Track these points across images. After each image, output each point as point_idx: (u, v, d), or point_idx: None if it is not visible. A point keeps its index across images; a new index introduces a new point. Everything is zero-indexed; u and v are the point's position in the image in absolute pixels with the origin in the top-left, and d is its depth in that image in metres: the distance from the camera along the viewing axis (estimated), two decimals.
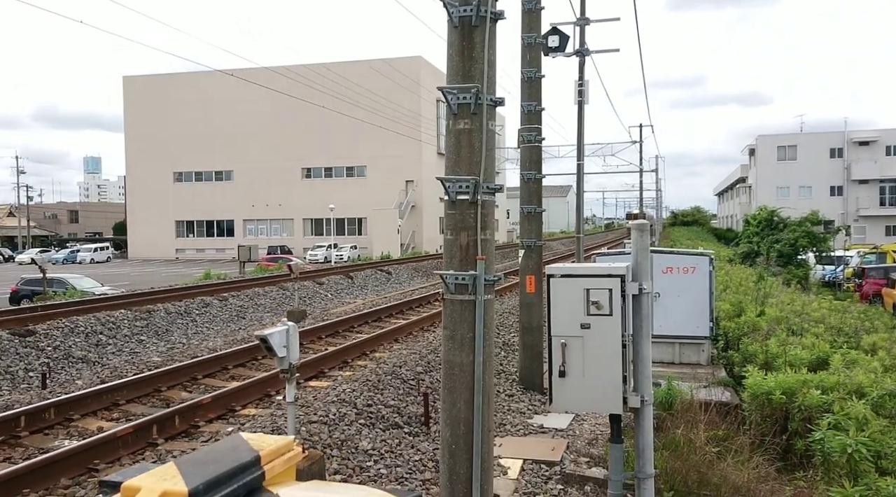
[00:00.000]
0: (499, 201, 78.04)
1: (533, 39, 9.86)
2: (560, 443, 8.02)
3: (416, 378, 9.72)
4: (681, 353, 12.05)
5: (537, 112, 10.01)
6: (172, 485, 1.64)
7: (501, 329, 14.18)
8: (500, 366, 11.25)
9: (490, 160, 4.19)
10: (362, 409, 8.13)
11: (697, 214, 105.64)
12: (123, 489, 1.66)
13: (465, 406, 4.22)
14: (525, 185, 10.15)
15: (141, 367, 11.19)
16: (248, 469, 1.81)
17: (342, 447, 7.02)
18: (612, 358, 5.45)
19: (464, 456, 4.23)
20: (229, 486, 1.72)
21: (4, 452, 6.87)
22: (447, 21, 4.15)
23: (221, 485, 1.70)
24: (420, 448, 7.38)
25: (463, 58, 4.09)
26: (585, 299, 5.44)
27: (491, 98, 4.12)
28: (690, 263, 12.05)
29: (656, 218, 74.18)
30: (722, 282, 19.59)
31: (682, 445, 7.19)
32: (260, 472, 1.84)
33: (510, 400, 9.66)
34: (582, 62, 17.24)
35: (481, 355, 4.22)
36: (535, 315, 9.83)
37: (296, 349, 5.57)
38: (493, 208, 4.34)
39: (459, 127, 4.13)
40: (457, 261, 4.23)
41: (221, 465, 1.78)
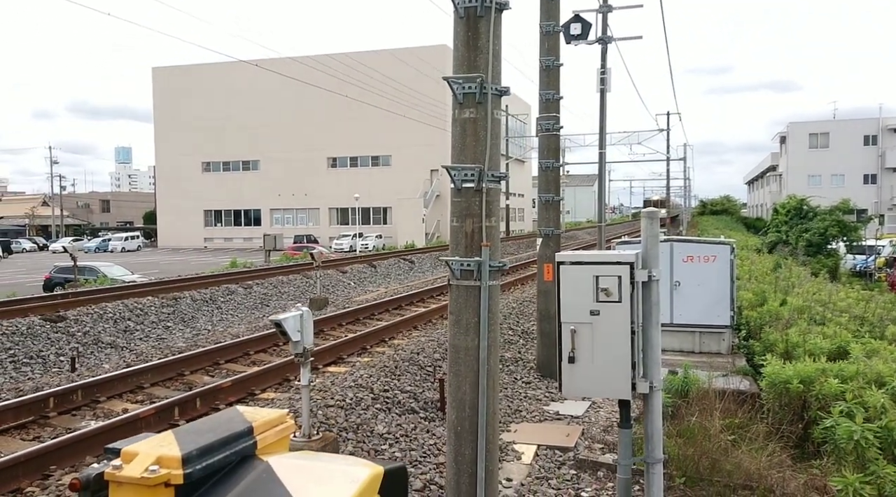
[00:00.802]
0: (524, 190, 77.77)
1: (551, 27, 9.85)
2: (575, 429, 8.09)
3: (433, 365, 9.85)
4: (701, 342, 12.00)
5: (555, 101, 10.01)
6: (168, 450, 1.76)
7: (521, 317, 14.25)
8: (519, 353, 11.33)
9: (495, 149, 4.26)
10: (379, 394, 8.28)
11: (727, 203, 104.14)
12: (123, 453, 1.78)
13: (470, 389, 4.32)
14: (543, 173, 10.19)
15: (166, 352, 11.48)
16: (240, 438, 1.93)
17: (357, 431, 7.17)
18: (622, 344, 5.50)
19: (469, 438, 4.33)
20: (221, 452, 1.84)
21: (34, 431, 7.15)
22: (453, 12, 4.22)
23: (214, 451, 1.82)
24: (435, 433, 7.51)
25: (468, 48, 4.16)
26: (595, 286, 5.50)
27: (496, 87, 4.19)
28: (711, 252, 11.98)
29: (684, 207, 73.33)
30: (747, 271, 19.39)
31: (696, 433, 7.21)
32: (252, 442, 1.96)
33: (527, 387, 9.74)
34: (604, 50, 17.12)
35: (486, 340, 4.31)
36: (552, 303, 9.87)
37: (310, 334, 5.71)
38: (498, 196, 4.41)
39: (465, 116, 4.21)
40: (462, 247, 4.32)
41: (215, 433, 1.90)
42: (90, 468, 1.86)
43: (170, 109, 65.05)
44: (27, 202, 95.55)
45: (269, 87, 57.45)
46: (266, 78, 51.47)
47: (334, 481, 1.83)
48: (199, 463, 1.78)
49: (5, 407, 7.28)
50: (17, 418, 7.19)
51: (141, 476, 1.72)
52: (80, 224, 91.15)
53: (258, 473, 1.86)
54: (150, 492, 1.74)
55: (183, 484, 1.75)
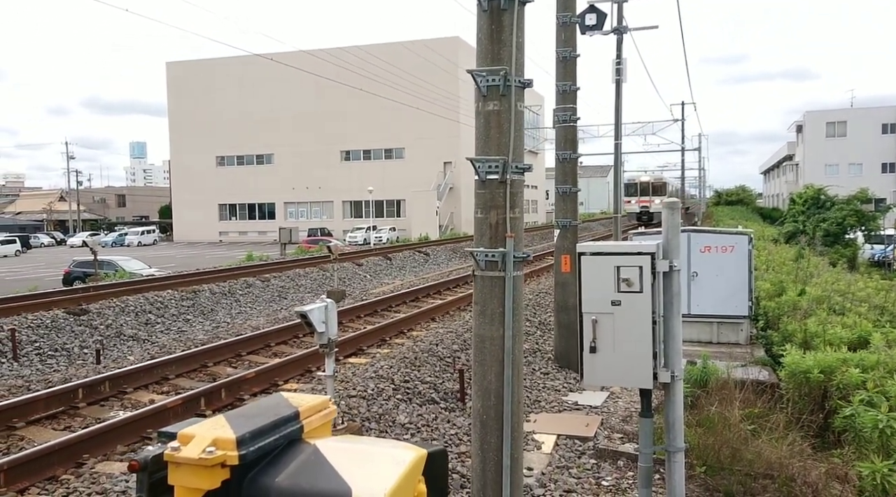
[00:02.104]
0: (538, 182, 77.57)
1: (568, 18, 9.85)
2: (594, 419, 8.15)
3: (452, 355, 9.93)
4: (719, 332, 12.01)
5: (572, 92, 10.02)
6: (222, 433, 1.85)
7: (538, 308, 14.29)
8: (536, 344, 11.39)
9: (519, 140, 4.31)
10: (399, 385, 8.37)
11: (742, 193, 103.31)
12: (180, 436, 1.87)
13: (495, 378, 4.39)
14: (560, 164, 10.21)
15: (188, 344, 11.64)
16: (288, 422, 2.01)
17: (380, 420, 7.27)
18: (643, 334, 5.55)
19: (494, 426, 4.40)
20: (272, 435, 1.92)
21: (65, 421, 7.31)
22: (477, 5, 4.26)
23: (265, 434, 1.90)
24: (455, 422, 7.59)
25: (492, 41, 4.21)
26: (616, 277, 5.54)
27: (519, 80, 4.23)
28: (729, 242, 11.96)
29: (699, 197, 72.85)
30: (764, 261, 19.30)
31: (716, 422, 7.25)
32: (299, 425, 2.04)
33: (545, 378, 9.80)
34: (620, 40, 17.06)
35: (511, 329, 4.37)
36: (570, 294, 9.93)
37: (334, 325, 5.81)
38: (522, 188, 4.46)
39: (489, 108, 4.26)
40: (487, 238, 4.38)
41: (265, 417, 1.98)
42: (147, 450, 1.94)
43: (184, 104, 65.44)
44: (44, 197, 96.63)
45: (283, 80, 57.64)
46: (279, 72, 51.62)
47: (380, 463, 1.91)
48: (252, 445, 1.87)
49: (37, 397, 7.44)
50: (48, 409, 7.36)
51: (199, 457, 1.81)
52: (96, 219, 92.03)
53: (307, 455, 1.94)
54: (208, 472, 1.82)
55: (238, 465, 1.84)
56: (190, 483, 1.85)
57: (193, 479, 1.85)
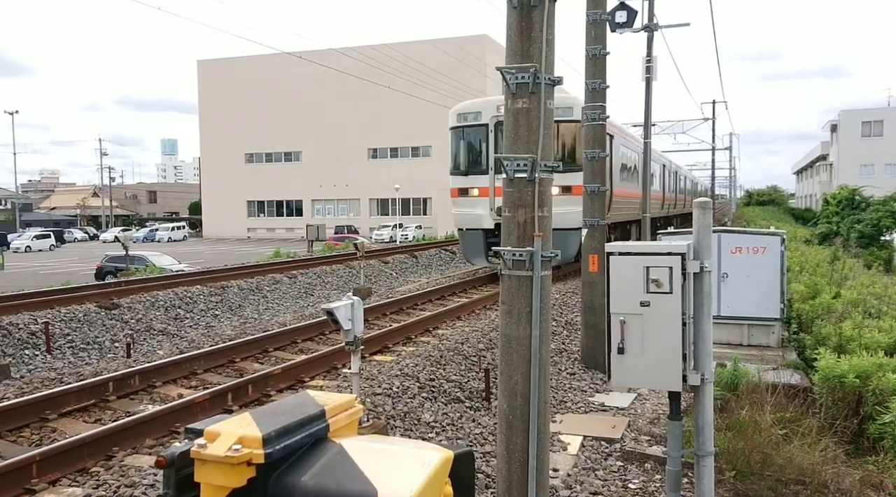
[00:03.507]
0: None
1: (598, 16, 9.74)
2: (621, 421, 8.06)
3: (477, 354, 9.90)
4: (749, 334, 11.82)
5: (602, 90, 9.92)
6: (248, 430, 1.84)
7: (564, 308, 14.19)
8: (562, 345, 11.31)
9: (548, 139, 4.26)
10: (425, 383, 8.36)
11: (774, 194, 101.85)
12: (206, 433, 1.87)
13: (521, 378, 4.35)
14: (589, 163, 10.10)
15: (216, 339, 11.76)
16: (314, 421, 1.99)
17: (405, 419, 7.27)
18: (672, 336, 5.47)
19: (520, 427, 4.36)
20: (298, 434, 1.91)
21: (95, 414, 7.42)
22: (507, 2, 4.22)
23: (291, 433, 1.89)
24: (481, 422, 7.56)
25: (521, 38, 4.16)
26: (645, 277, 5.47)
27: (549, 77, 4.18)
28: (760, 243, 11.76)
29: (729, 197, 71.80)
30: (797, 263, 18.95)
31: (747, 426, 7.12)
32: (325, 424, 2.02)
33: (572, 378, 9.72)
34: (650, 38, 16.87)
35: (538, 329, 4.32)
36: (597, 294, 9.82)
37: (360, 322, 5.81)
38: (550, 186, 4.41)
39: (518, 106, 4.21)
40: (514, 237, 4.34)
41: (291, 416, 1.97)
42: (174, 446, 1.94)
43: (214, 102, 66.23)
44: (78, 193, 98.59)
45: (311, 78, 58.00)
46: (308, 69, 51.96)
47: (407, 464, 1.88)
48: (278, 443, 1.86)
49: (69, 390, 7.57)
50: (80, 401, 7.48)
51: (225, 454, 1.80)
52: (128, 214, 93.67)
53: (332, 455, 1.92)
54: (234, 470, 1.82)
55: (264, 463, 1.83)
56: (216, 480, 1.85)
57: (219, 477, 1.84)
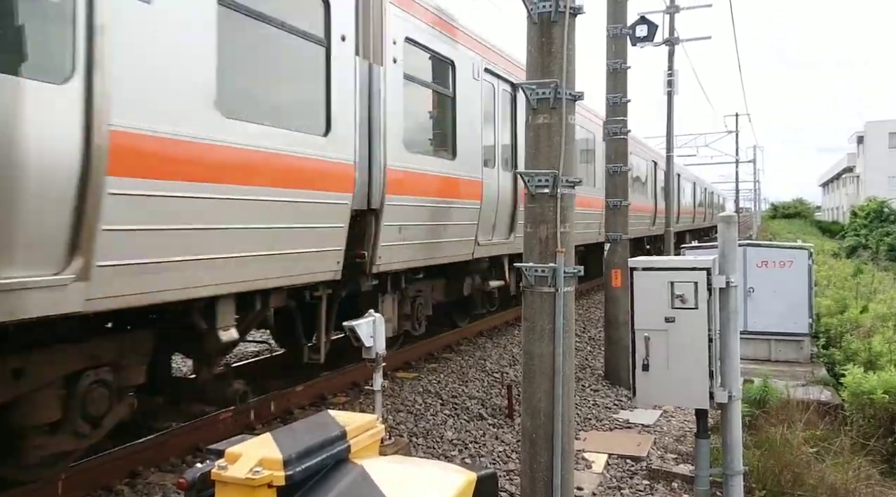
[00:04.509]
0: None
1: (619, 30, 9.74)
2: (646, 438, 7.93)
3: (500, 371, 9.83)
4: (777, 350, 11.61)
5: (623, 104, 9.89)
6: (269, 452, 1.82)
7: (587, 323, 14.08)
8: (585, 361, 11.20)
9: (569, 154, 4.23)
10: (447, 400, 8.31)
11: (800, 206, 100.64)
12: (227, 454, 1.86)
13: (544, 396, 4.30)
14: (611, 178, 10.06)
15: (239, 356, 11.80)
16: (335, 441, 1.97)
17: (427, 436, 7.22)
18: (698, 352, 5.39)
19: (544, 445, 4.30)
20: (318, 455, 1.89)
21: (121, 431, 7.45)
22: (526, 17, 4.22)
23: (312, 454, 1.87)
24: (504, 439, 7.48)
25: (542, 53, 4.15)
26: (670, 292, 5.40)
27: (570, 92, 4.17)
28: (787, 257, 11.58)
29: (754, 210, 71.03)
30: (825, 276, 18.63)
31: (777, 444, 6.98)
32: (346, 445, 2.00)
33: (595, 394, 9.61)
34: (671, 51, 16.83)
35: (561, 346, 4.28)
36: (620, 309, 9.73)
37: (382, 339, 5.79)
38: (573, 201, 4.38)
39: (538, 121, 4.20)
40: (536, 253, 4.31)
41: (312, 437, 1.95)
42: (195, 468, 1.93)
43: None
44: None
45: None
46: None
47: (429, 486, 1.85)
48: (298, 465, 1.84)
49: None
50: None
51: (245, 477, 1.79)
52: None
53: (354, 477, 1.90)
54: (254, 492, 1.80)
55: (284, 485, 1.81)
56: None
57: None
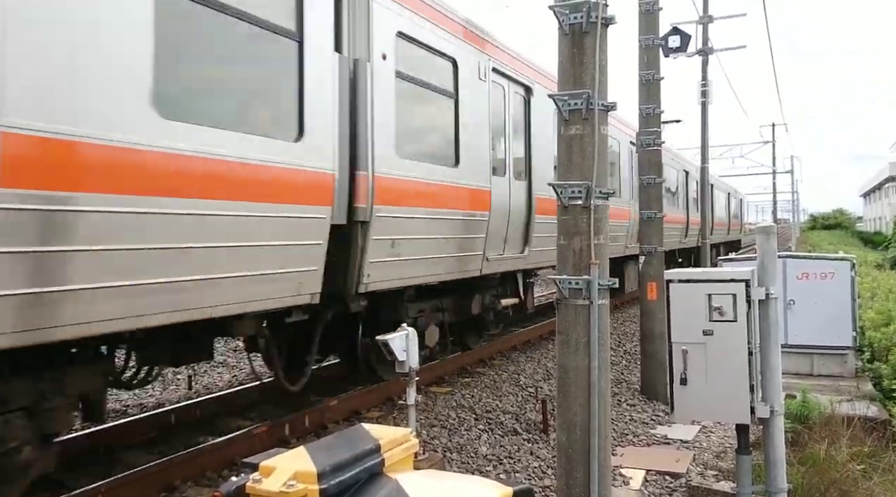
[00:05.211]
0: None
1: (651, 41, 9.68)
2: (685, 454, 7.76)
3: (534, 385, 9.74)
4: (819, 364, 11.30)
5: (656, 115, 9.81)
6: (303, 465, 1.82)
7: (622, 337, 13.90)
8: (621, 375, 11.04)
9: (602, 165, 4.19)
10: (481, 415, 8.25)
11: (840, 217, 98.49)
12: (262, 468, 1.85)
13: (580, 410, 4.23)
14: (644, 189, 9.96)
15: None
16: (369, 455, 1.96)
17: (461, 451, 7.17)
18: (738, 366, 5.28)
19: (581, 460, 4.23)
20: (352, 469, 1.88)
21: (158, 445, 7.56)
22: (557, 28, 4.21)
23: (346, 468, 1.86)
24: (539, 455, 7.40)
25: (573, 64, 4.13)
26: (707, 305, 5.31)
27: (602, 103, 4.13)
28: (829, 269, 11.29)
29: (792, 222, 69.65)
30: (868, 288, 18.13)
31: (821, 461, 6.78)
32: (380, 459, 1.99)
33: (632, 409, 9.45)
34: (705, 61, 16.67)
35: (596, 360, 4.21)
36: (656, 322, 9.59)
37: (415, 353, 5.78)
38: (606, 213, 4.33)
39: (571, 132, 4.17)
40: (570, 266, 4.27)
41: (346, 450, 1.94)
42: (230, 482, 1.93)
43: None
44: None
45: None
46: None
47: None
48: (332, 479, 1.83)
49: (133, 421, 7.75)
50: (144, 432, 7.64)
51: (280, 490, 1.78)
52: None
53: (388, 491, 1.88)
54: None
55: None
56: None
57: None
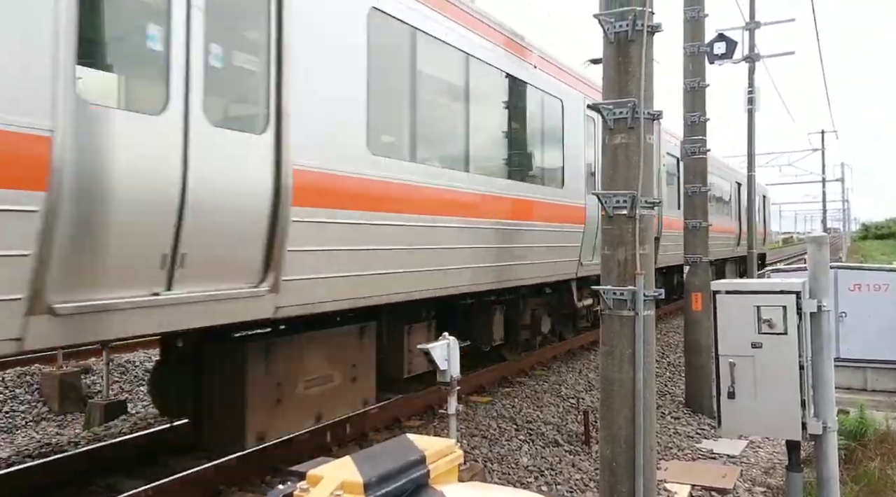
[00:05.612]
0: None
1: (696, 48, 9.54)
2: (732, 470, 7.57)
3: (575, 396, 9.63)
4: (874, 378, 10.93)
5: (702, 123, 9.65)
6: (350, 475, 1.82)
7: (665, 348, 13.66)
8: (665, 387, 10.84)
9: (648, 174, 4.13)
10: (522, 425, 8.18)
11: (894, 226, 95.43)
12: (309, 477, 1.87)
13: (625, 423, 4.16)
14: (689, 198, 9.79)
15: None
16: (415, 466, 1.96)
17: (502, 462, 7.12)
18: (788, 380, 5.15)
19: (625, 474, 4.16)
20: (398, 480, 1.88)
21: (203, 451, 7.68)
22: (602, 37, 4.18)
23: (391, 479, 1.86)
24: (580, 467, 7.30)
25: (619, 72, 4.10)
26: (756, 317, 5.19)
27: (648, 111, 4.08)
28: (882, 280, 10.93)
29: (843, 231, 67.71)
30: None
31: (876, 480, 6.55)
32: (425, 471, 1.98)
33: (676, 422, 9.27)
34: (752, 68, 16.36)
35: (641, 371, 4.14)
36: (701, 334, 9.39)
37: (456, 363, 5.77)
38: (652, 223, 4.27)
39: (616, 142, 4.13)
40: (614, 276, 4.21)
41: (391, 461, 1.94)
42: (277, 489, 1.95)
43: None
44: None
45: None
46: None
47: None
48: (379, 489, 1.83)
49: (177, 425, 7.89)
50: (189, 438, 7.77)
51: None
52: None
53: None
54: None
55: None
56: None
57: None
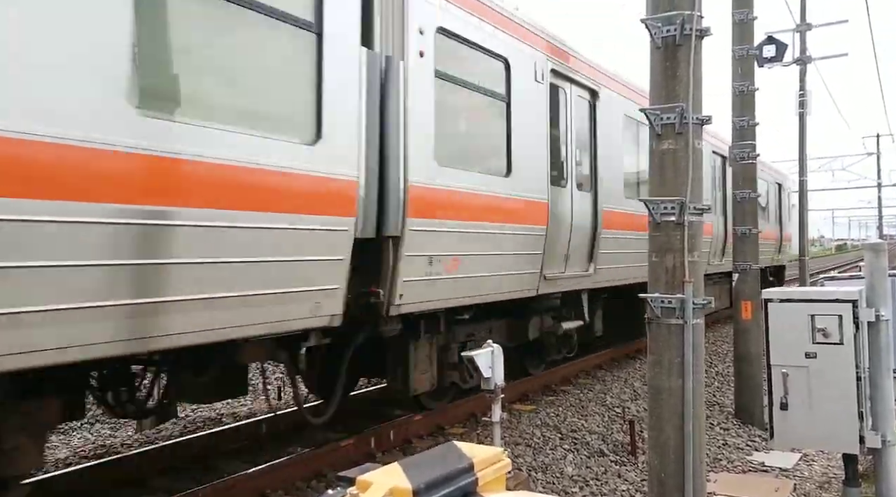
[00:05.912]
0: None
1: (745, 51, 9.36)
2: (785, 483, 7.36)
3: (621, 405, 9.50)
4: None
5: (751, 127, 9.46)
6: (399, 482, 1.83)
7: (713, 357, 13.39)
8: (713, 397, 10.62)
9: (697, 181, 4.06)
10: (566, 434, 8.10)
11: None
12: (358, 482, 1.88)
13: (674, 433, 4.08)
14: (738, 205, 9.60)
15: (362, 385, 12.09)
16: (463, 474, 1.96)
17: (547, 471, 7.06)
18: (845, 391, 5.01)
19: (673, 485, 4.08)
20: (446, 487, 1.88)
21: (249, 455, 7.81)
22: (649, 42, 4.13)
23: (440, 486, 1.87)
24: (626, 477, 7.19)
25: (666, 77, 4.04)
26: (810, 326, 5.07)
27: (697, 117, 4.02)
28: None
29: None
30: None
31: None
32: (473, 478, 1.98)
33: (725, 434, 9.06)
34: (803, 71, 15.95)
35: (691, 381, 4.07)
36: (752, 343, 9.17)
37: (500, 370, 5.74)
38: (700, 229, 4.19)
39: (663, 147, 4.07)
40: (662, 283, 4.15)
41: (439, 468, 1.94)
42: (325, 494, 1.97)
43: None
44: None
45: None
46: None
47: None
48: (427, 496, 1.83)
49: (226, 430, 8.05)
50: (236, 441, 7.91)
51: None
52: None
53: None
54: None
55: None
56: None
57: None
